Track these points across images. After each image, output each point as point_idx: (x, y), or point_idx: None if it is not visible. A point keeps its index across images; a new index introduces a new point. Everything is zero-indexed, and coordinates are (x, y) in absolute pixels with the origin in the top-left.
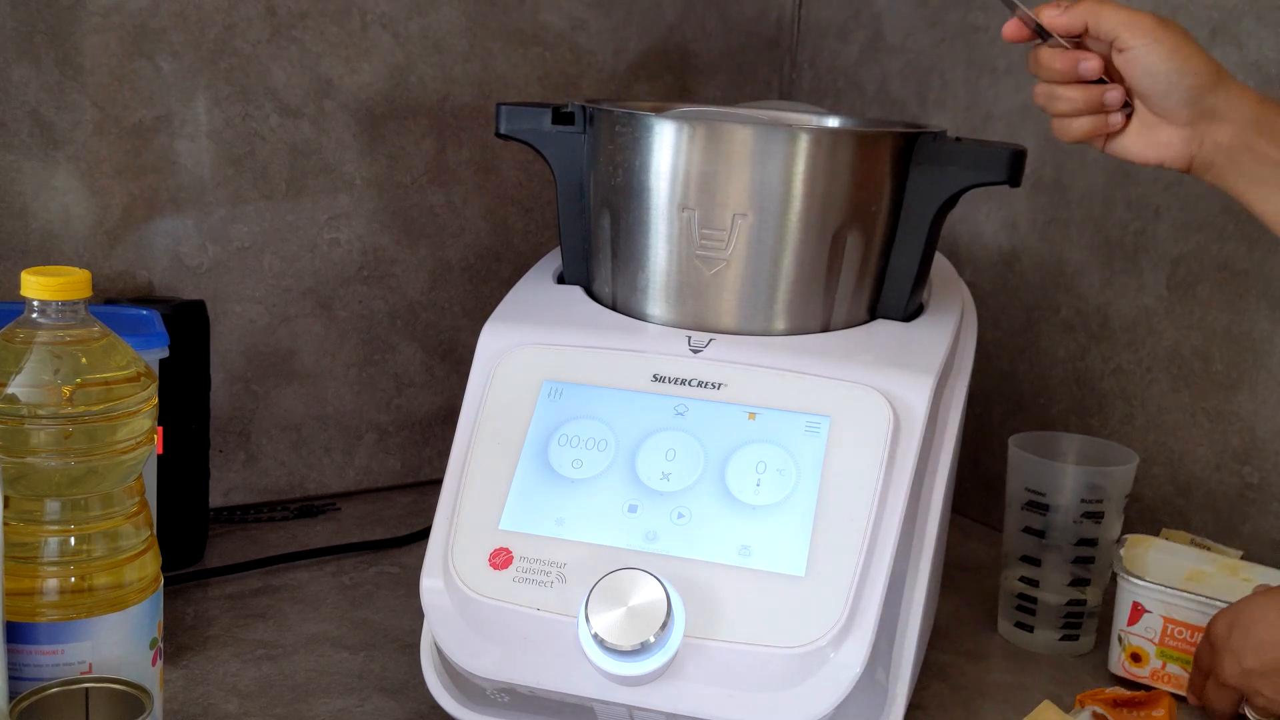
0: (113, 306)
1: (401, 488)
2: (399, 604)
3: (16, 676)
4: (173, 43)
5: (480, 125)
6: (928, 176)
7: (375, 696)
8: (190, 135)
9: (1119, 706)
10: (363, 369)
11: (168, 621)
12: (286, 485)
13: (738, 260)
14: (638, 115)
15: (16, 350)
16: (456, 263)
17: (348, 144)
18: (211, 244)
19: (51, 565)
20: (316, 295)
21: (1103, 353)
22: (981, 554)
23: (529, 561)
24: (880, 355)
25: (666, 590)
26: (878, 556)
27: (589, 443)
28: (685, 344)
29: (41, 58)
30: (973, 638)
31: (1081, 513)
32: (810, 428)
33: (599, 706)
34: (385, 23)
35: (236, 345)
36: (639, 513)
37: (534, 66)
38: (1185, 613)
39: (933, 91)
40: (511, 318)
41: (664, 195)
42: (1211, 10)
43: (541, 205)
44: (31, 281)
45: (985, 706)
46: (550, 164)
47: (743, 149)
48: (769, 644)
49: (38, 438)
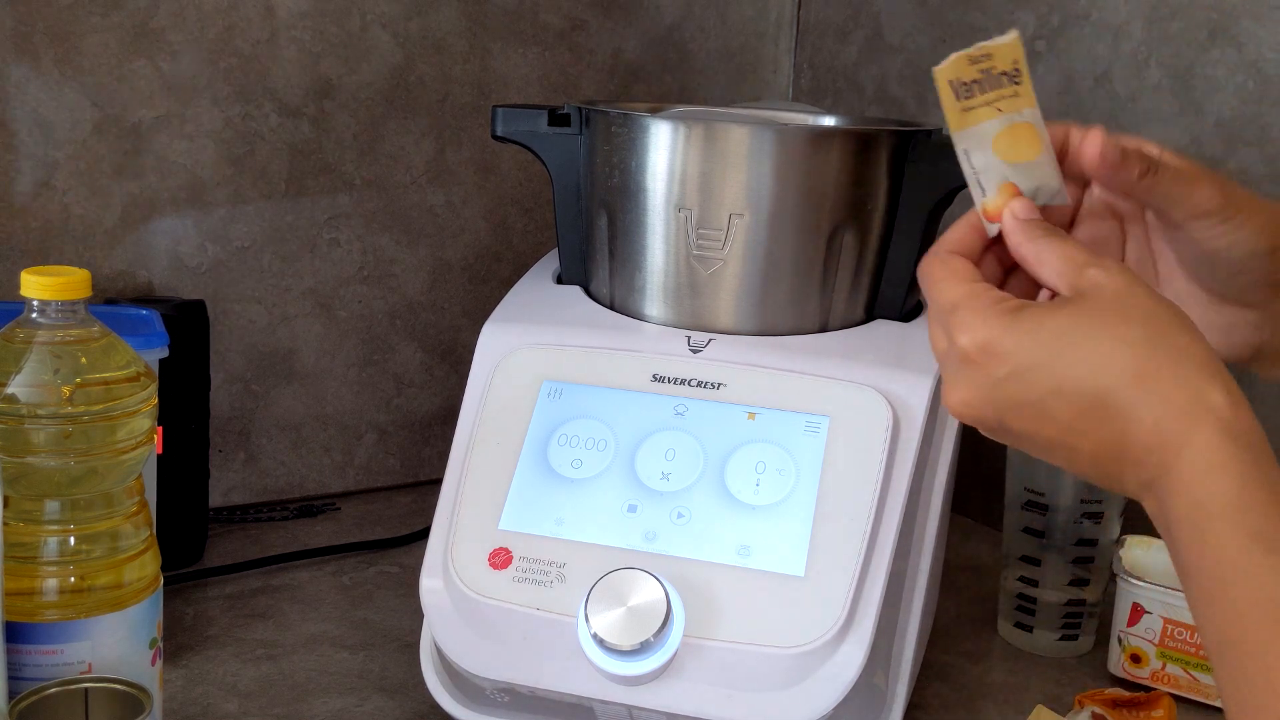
0: (113, 306)
1: (401, 488)
2: (399, 604)
3: (16, 676)
4: (173, 43)
5: (480, 125)
6: (923, 174)
7: (375, 696)
8: (190, 135)
9: (1119, 707)
10: (363, 369)
11: (167, 621)
12: (286, 485)
13: (735, 260)
14: (633, 116)
15: (16, 350)
16: (456, 263)
17: (348, 144)
18: (211, 244)
19: (51, 565)
20: (316, 295)
21: None
22: (981, 554)
23: (529, 561)
24: (879, 355)
25: (666, 590)
26: (877, 556)
27: (589, 442)
28: (685, 344)
29: (41, 58)
30: (973, 638)
31: (1081, 513)
32: (810, 428)
33: (599, 706)
34: (385, 23)
35: (236, 345)
36: (639, 512)
37: (533, 67)
38: (1185, 613)
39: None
40: (511, 318)
41: (660, 195)
42: (1211, 10)
43: (541, 205)
44: (31, 281)
45: (985, 707)
46: (547, 166)
47: (738, 149)
48: (768, 644)
49: (38, 438)
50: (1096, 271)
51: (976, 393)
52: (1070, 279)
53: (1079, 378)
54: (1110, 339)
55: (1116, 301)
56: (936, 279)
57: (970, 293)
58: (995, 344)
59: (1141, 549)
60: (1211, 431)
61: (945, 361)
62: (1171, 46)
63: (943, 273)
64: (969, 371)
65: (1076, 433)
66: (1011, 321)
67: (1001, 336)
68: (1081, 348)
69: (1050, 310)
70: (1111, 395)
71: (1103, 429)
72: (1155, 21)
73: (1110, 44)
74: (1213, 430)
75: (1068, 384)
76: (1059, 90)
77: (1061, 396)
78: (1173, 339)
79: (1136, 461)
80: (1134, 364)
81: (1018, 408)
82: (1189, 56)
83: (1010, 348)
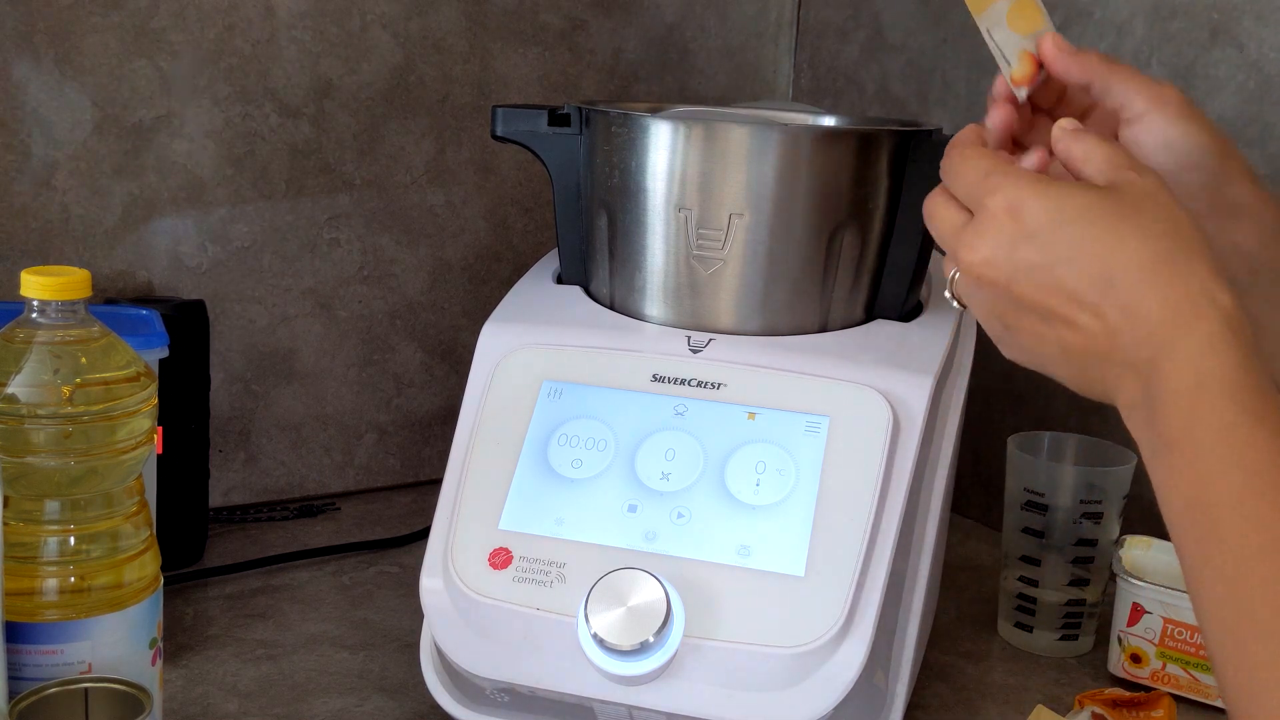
0: (113, 306)
1: (401, 488)
2: (399, 604)
3: (16, 676)
4: (173, 43)
5: (480, 125)
6: (924, 174)
7: (375, 696)
8: (190, 135)
9: (1119, 707)
10: (363, 369)
11: (167, 621)
12: (286, 485)
13: (735, 260)
14: (633, 116)
15: (16, 350)
16: (456, 263)
17: (348, 144)
18: (211, 244)
19: (51, 565)
20: (316, 295)
21: None
22: (981, 554)
23: (529, 561)
24: (880, 355)
25: (666, 590)
26: (877, 556)
27: (589, 442)
28: (685, 344)
29: (41, 57)
30: (972, 638)
31: (1081, 513)
32: (810, 428)
33: (599, 706)
34: (385, 23)
35: (236, 345)
36: (639, 512)
37: (533, 67)
38: (1185, 613)
39: (933, 91)
40: (511, 318)
41: (660, 195)
42: (1211, 10)
43: (541, 205)
44: (31, 281)
45: (985, 707)
46: (547, 166)
47: (738, 148)
48: (768, 644)
49: (37, 438)
50: (1133, 173)
51: (997, 251)
52: (1110, 174)
53: (1095, 253)
54: (1132, 225)
55: (1146, 196)
56: (964, 155)
57: (1001, 161)
58: (1024, 205)
59: (1141, 549)
60: (1216, 321)
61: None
62: (1173, 45)
63: (970, 151)
64: (993, 231)
65: (1078, 304)
66: (1043, 188)
67: (1031, 200)
68: (1102, 224)
69: (1081, 188)
70: (1124, 274)
71: (1105, 304)
72: (1157, 20)
73: (1112, 42)
74: (1217, 320)
75: (1083, 255)
76: None
77: (1074, 265)
78: (1189, 239)
79: (1133, 343)
80: (1149, 252)
81: (1029, 270)
82: (1190, 55)
83: (1037, 210)
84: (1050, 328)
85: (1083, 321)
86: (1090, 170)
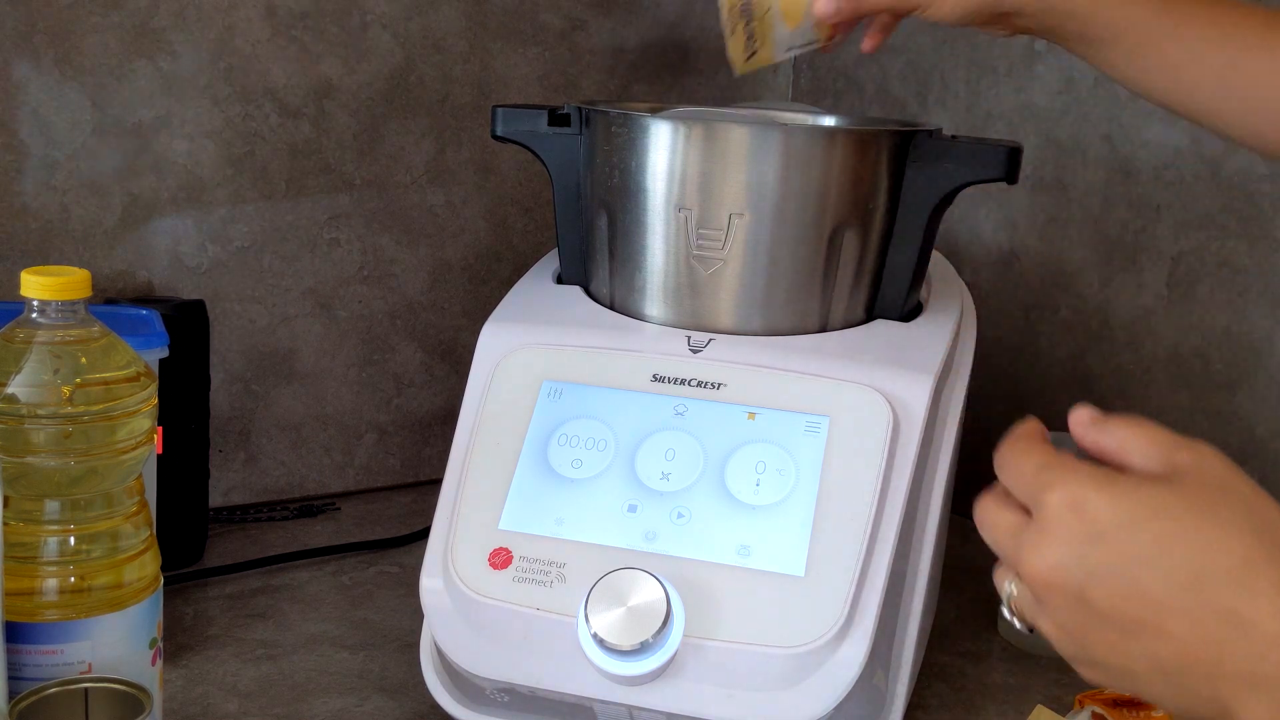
0: (113, 306)
1: (401, 488)
2: (399, 604)
3: (16, 676)
4: (173, 43)
5: (480, 125)
6: (924, 174)
7: (375, 696)
8: (190, 135)
9: (1118, 706)
10: (362, 369)
11: (167, 621)
12: (286, 485)
13: (735, 260)
14: (633, 116)
15: (16, 350)
16: (456, 263)
17: (348, 144)
18: (211, 244)
19: (51, 565)
20: (316, 295)
21: (1102, 352)
22: (982, 554)
23: (529, 561)
24: (880, 355)
25: (666, 590)
26: (877, 556)
27: (589, 442)
28: (685, 344)
29: (41, 57)
30: (973, 638)
31: None
32: (810, 428)
33: (599, 706)
34: (385, 23)
35: (236, 345)
36: (639, 512)
37: (533, 67)
38: None
39: (933, 91)
40: (511, 318)
41: (660, 195)
42: None
43: (541, 205)
44: (31, 281)
45: (985, 707)
46: (547, 166)
47: (738, 148)
48: (768, 644)
49: (37, 438)
50: (1188, 454)
51: (1065, 551)
52: (1162, 460)
53: (1178, 553)
54: (1214, 520)
55: (1219, 485)
56: (1017, 451)
57: (1057, 455)
58: (1088, 502)
59: None
60: None
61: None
62: None
63: (1026, 444)
64: (1059, 530)
65: (1167, 611)
66: (1106, 481)
67: (1095, 495)
68: (1181, 522)
69: (1148, 480)
70: (1217, 575)
71: (1203, 608)
72: None
73: None
74: None
75: (1164, 558)
76: (1059, 90)
77: (1156, 569)
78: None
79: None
80: (1241, 549)
81: (1104, 576)
82: None
83: (1104, 507)
84: (1136, 640)
85: (1175, 628)
86: (1137, 460)
